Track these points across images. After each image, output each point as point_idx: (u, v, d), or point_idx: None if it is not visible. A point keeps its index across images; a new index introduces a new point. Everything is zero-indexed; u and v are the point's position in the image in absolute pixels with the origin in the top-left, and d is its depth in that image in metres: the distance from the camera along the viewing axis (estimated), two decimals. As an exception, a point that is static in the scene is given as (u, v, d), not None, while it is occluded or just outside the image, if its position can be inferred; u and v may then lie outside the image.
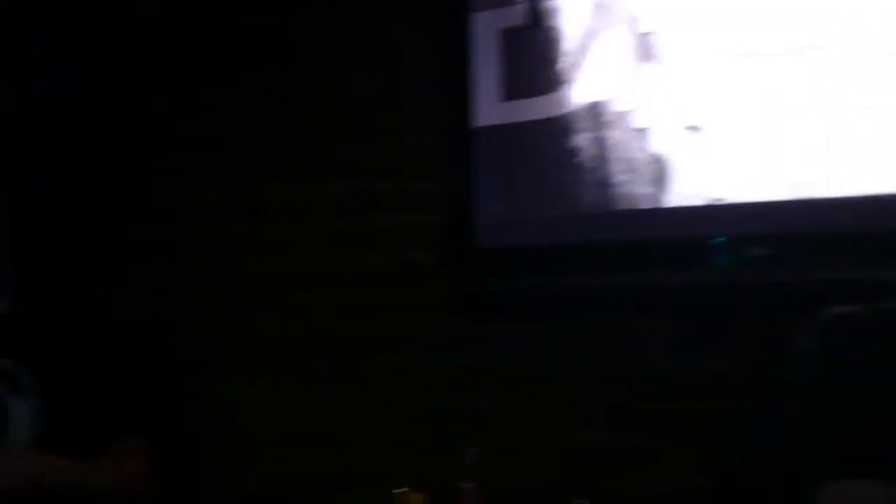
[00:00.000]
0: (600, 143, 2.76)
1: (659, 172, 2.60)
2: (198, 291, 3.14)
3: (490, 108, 2.88)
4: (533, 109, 2.82)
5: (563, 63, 2.74)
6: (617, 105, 2.67)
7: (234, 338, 3.08)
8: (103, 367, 2.09)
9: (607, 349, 2.66)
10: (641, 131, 2.63)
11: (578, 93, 2.75)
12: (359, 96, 3.01)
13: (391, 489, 2.56)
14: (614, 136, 2.68)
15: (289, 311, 3.03)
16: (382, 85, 2.98)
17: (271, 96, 3.13)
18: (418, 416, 2.81)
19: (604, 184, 2.70)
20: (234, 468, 2.15)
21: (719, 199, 2.53)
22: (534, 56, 2.80)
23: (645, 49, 2.62)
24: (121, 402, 2.14)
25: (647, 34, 2.62)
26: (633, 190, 2.65)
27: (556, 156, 2.77)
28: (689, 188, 2.57)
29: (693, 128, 2.55)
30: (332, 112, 3.03)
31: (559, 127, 2.78)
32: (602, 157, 2.75)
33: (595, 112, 2.75)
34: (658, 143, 2.61)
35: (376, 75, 2.99)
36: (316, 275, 3.00)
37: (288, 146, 3.08)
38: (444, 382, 2.80)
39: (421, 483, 2.58)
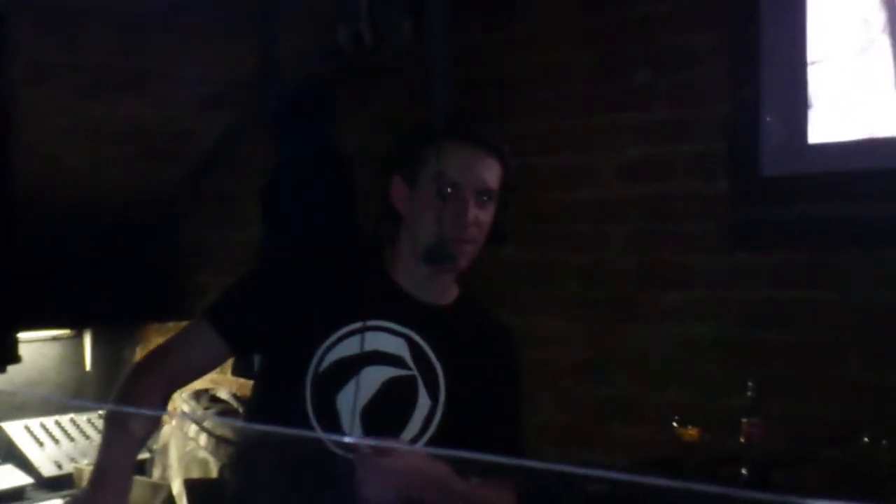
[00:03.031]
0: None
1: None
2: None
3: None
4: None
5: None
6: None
7: (520, 268, 3.17)
8: None
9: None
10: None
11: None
12: (644, 22, 2.98)
13: (670, 423, 2.61)
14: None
15: (574, 243, 3.09)
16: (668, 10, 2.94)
17: (553, 29, 3.15)
18: (699, 348, 2.82)
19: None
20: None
21: None
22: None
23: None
24: None
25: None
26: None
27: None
28: None
29: None
30: (622, 40, 3.02)
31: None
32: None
33: None
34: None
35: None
36: (601, 206, 3.05)
37: (574, 77, 3.11)
38: (726, 314, 2.78)
39: (700, 417, 2.61)
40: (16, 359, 2.67)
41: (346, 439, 1.81)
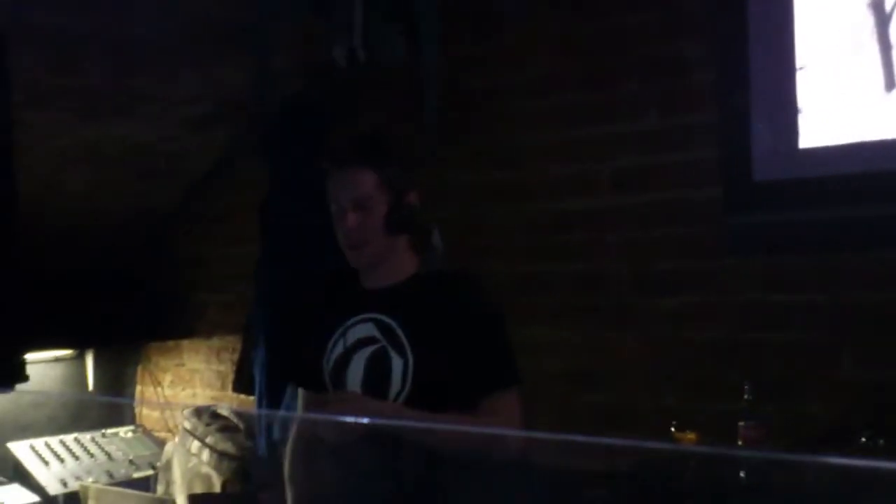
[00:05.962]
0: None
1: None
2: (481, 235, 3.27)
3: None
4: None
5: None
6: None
7: (512, 280, 3.19)
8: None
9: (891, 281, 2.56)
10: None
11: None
12: (633, 32, 3.01)
13: (667, 428, 2.64)
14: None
15: (567, 253, 3.12)
16: (656, 20, 2.98)
17: (543, 41, 3.17)
18: (695, 353, 2.85)
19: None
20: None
21: None
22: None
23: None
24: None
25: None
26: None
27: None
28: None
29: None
30: (612, 50, 3.05)
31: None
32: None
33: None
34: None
35: (649, 9, 2.98)
36: (594, 216, 3.07)
37: (565, 88, 3.13)
38: (721, 318, 2.81)
39: (696, 421, 2.63)
40: (23, 377, 2.71)
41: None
